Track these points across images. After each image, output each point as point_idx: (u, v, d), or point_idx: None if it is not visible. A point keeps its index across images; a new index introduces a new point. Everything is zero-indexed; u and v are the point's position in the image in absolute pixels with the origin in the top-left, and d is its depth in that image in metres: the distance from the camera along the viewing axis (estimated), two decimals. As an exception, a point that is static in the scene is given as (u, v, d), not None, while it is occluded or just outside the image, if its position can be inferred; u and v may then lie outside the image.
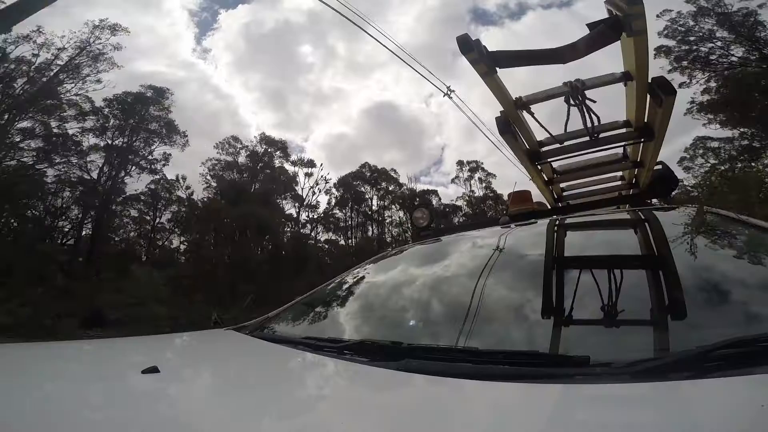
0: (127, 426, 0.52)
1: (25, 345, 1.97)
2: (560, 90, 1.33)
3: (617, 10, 1.13)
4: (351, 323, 1.16)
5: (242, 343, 1.09)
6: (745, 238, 1.14)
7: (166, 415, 0.56)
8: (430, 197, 24.73)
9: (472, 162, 25.10)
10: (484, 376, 0.61)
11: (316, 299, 1.40)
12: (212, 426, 0.52)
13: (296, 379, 0.78)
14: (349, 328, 1.13)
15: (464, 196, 24.96)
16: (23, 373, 0.78)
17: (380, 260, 1.65)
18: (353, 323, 1.16)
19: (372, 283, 1.44)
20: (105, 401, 0.62)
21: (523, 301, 1.00)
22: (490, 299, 1.00)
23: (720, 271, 0.94)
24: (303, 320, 1.27)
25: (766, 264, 0.95)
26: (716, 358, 0.55)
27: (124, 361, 0.94)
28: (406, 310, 1.15)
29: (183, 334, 1.80)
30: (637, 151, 1.69)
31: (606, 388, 0.56)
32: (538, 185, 2.01)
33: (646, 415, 0.48)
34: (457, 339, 0.85)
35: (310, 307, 1.35)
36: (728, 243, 1.14)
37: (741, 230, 1.17)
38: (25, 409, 0.57)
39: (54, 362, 0.91)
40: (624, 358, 0.61)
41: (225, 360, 0.98)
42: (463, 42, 1.20)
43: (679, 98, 1.30)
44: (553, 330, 0.85)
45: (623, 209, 1.90)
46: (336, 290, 1.44)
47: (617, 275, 0.96)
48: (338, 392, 0.71)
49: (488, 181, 24.77)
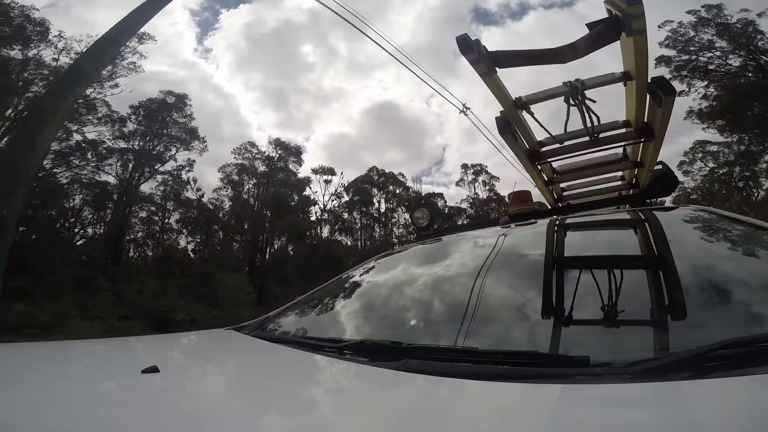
0: (127, 426, 0.52)
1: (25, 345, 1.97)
2: (560, 90, 1.33)
3: (617, 9, 1.13)
4: (351, 323, 1.16)
5: (242, 343, 1.09)
6: (745, 238, 1.14)
7: (166, 415, 0.56)
8: (436, 200, 25.12)
9: (476, 165, 25.76)
10: (484, 376, 0.61)
11: (316, 299, 1.40)
12: (212, 426, 0.52)
13: (296, 379, 0.78)
14: (349, 327, 1.13)
15: (468, 199, 25.48)
16: (23, 372, 0.78)
17: (380, 260, 1.65)
18: (353, 323, 1.16)
19: (372, 283, 1.44)
20: (105, 401, 0.62)
21: (523, 301, 1.00)
22: (490, 299, 1.00)
23: (720, 271, 0.94)
24: (303, 320, 1.27)
25: (765, 264, 0.95)
26: (716, 358, 0.55)
27: (124, 361, 0.94)
28: (406, 309, 1.16)
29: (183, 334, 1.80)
30: (637, 151, 1.69)
31: (606, 388, 0.56)
32: (538, 185, 2.01)
33: (646, 415, 0.48)
34: (457, 339, 0.85)
35: (310, 306, 1.35)
36: (728, 243, 1.14)
37: (741, 230, 1.16)
38: (25, 409, 0.57)
39: (54, 362, 0.91)
40: (624, 358, 0.61)
41: (225, 360, 0.99)
42: (463, 42, 1.20)
43: (680, 102, 1.30)
44: (553, 330, 0.85)
45: (623, 209, 1.90)
46: (336, 290, 1.44)
47: (617, 275, 0.96)
48: (338, 392, 0.71)
49: (492, 183, 25.27)
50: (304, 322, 1.26)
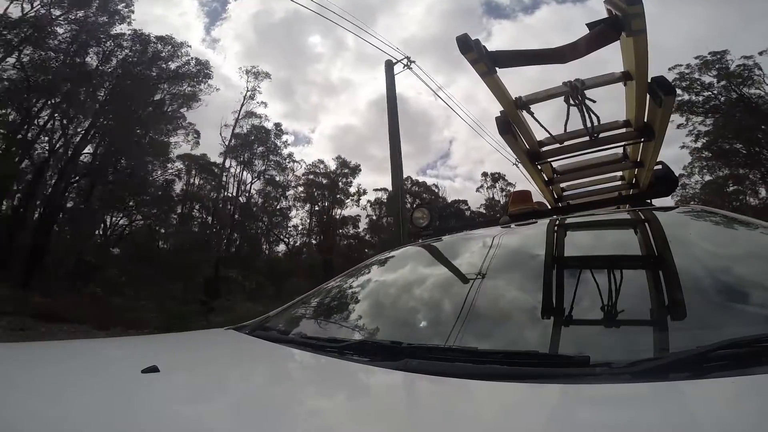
0: (127, 426, 0.52)
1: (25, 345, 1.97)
2: (560, 90, 1.32)
3: (617, 9, 1.13)
4: (351, 323, 1.16)
5: (242, 343, 1.09)
6: (744, 238, 1.14)
7: (166, 414, 0.56)
8: (460, 205, 26.95)
9: (495, 173, 27.67)
10: (484, 376, 0.61)
11: (316, 299, 1.40)
12: (212, 426, 0.52)
13: (296, 379, 0.78)
14: (349, 327, 1.13)
15: (487, 202, 27.19)
16: (23, 372, 0.78)
17: (380, 260, 1.65)
18: (353, 323, 1.16)
19: (372, 283, 1.44)
20: (105, 401, 0.62)
21: (523, 300, 1.00)
22: (490, 299, 1.00)
23: (720, 271, 0.94)
24: (303, 320, 1.27)
25: (765, 264, 0.95)
26: (716, 358, 0.55)
27: (124, 361, 0.94)
28: (406, 309, 1.16)
29: (183, 334, 1.80)
30: (637, 151, 1.69)
31: (606, 388, 0.56)
32: (538, 185, 2.01)
33: (646, 415, 0.48)
34: (457, 339, 0.85)
35: (310, 306, 1.35)
36: (728, 243, 1.14)
37: (741, 230, 1.16)
38: (25, 409, 0.57)
39: (54, 362, 0.90)
40: (624, 358, 0.61)
41: (225, 360, 0.98)
42: (463, 42, 1.20)
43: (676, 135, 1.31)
44: (553, 330, 0.85)
45: (623, 209, 1.90)
46: (336, 290, 1.44)
47: (617, 275, 0.96)
48: (338, 392, 0.71)
49: (508, 190, 27.03)
50: (304, 321, 1.26)
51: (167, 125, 15.35)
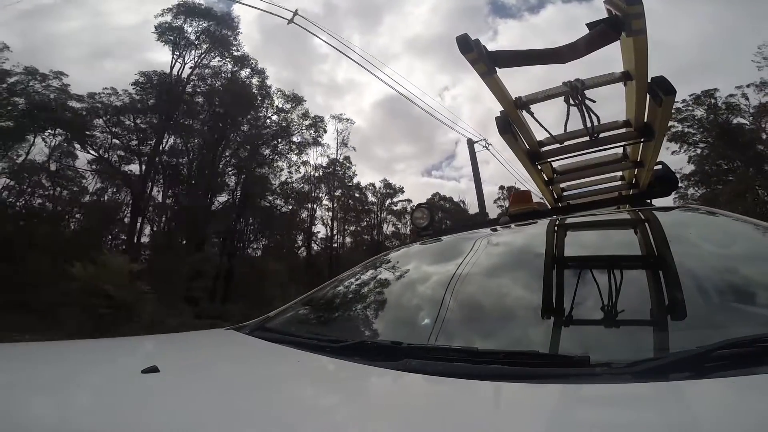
0: (127, 426, 0.52)
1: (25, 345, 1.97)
2: (560, 90, 1.32)
3: (616, 9, 1.13)
4: (351, 323, 1.16)
5: (242, 343, 1.09)
6: (745, 238, 1.14)
7: (166, 415, 0.56)
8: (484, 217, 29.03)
9: (511, 187, 30.08)
10: (484, 376, 0.61)
11: (316, 299, 1.40)
12: (212, 426, 0.52)
13: (296, 379, 0.78)
14: (349, 327, 1.13)
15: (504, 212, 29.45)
16: (23, 372, 0.78)
17: (380, 260, 1.65)
18: (353, 323, 1.16)
19: (372, 283, 1.44)
20: (105, 401, 0.62)
21: (523, 300, 1.00)
22: (490, 299, 1.00)
23: (720, 271, 0.94)
24: (303, 320, 1.27)
25: (765, 264, 0.95)
26: (716, 358, 0.55)
27: (124, 361, 0.94)
28: (406, 309, 1.15)
29: (183, 334, 1.80)
30: (637, 151, 1.69)
31: (606, 388, 0.56)
32: (538, 185, 2.01)
33: (646, 415, 0.48)
34: (457, 339, 0.85)
35: (309, 306, 1.35)
36: (728, 243, 1.14)
37: (741, 230, 1.16)
38: (26, 409, 0.57)
39: (54, 362, 0.90)
40: (624, 358, 0.61)
41: (225, 360, 0.98)
42: (463, 42, 1.20)
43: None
44: (553, 330, 0.85)
45: (623, 209, 1.90)
46: (336, 290, 1.44)
47: (617, 275, 0.96)
48: (338, 392, 0.71)
49: None
50: (303, 322, 1.26)
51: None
